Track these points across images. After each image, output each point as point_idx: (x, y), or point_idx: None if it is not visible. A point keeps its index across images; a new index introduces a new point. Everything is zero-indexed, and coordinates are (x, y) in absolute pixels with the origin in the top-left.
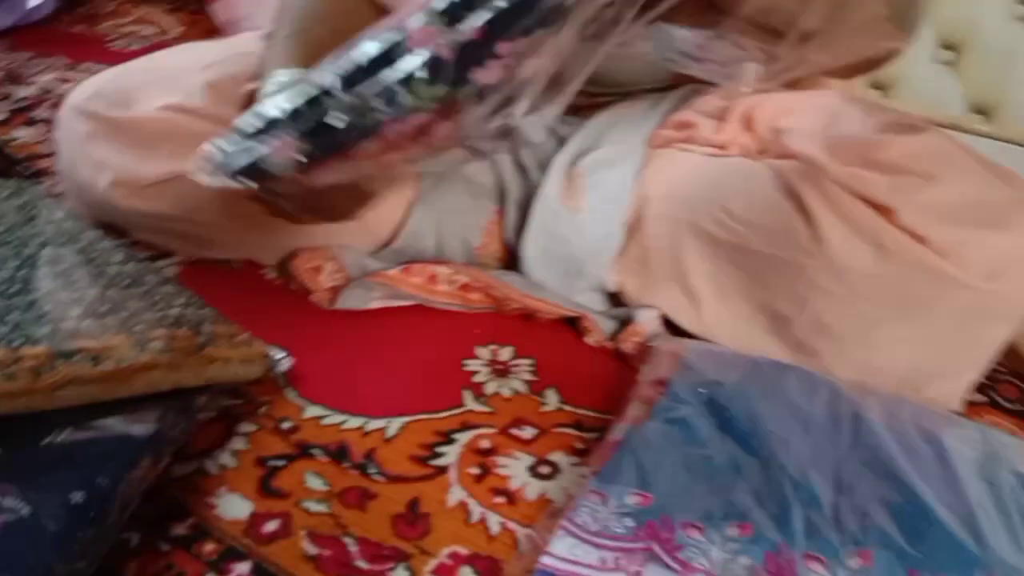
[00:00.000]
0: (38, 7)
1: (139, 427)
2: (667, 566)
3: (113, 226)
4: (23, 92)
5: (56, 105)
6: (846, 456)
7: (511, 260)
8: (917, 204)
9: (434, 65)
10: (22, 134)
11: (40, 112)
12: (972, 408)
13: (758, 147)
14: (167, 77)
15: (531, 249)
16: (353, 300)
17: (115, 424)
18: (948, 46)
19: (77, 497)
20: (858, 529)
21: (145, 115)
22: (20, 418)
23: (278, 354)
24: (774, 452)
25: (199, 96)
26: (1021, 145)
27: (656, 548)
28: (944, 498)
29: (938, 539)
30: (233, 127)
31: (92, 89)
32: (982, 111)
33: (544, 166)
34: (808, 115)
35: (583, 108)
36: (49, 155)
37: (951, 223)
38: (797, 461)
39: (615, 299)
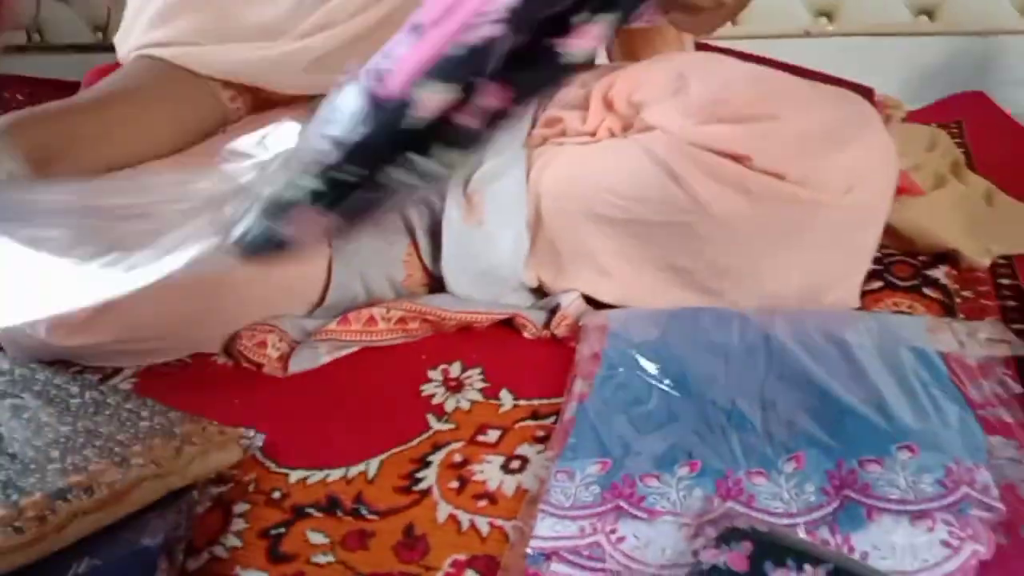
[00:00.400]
0: None
1: (148, 537)
2: (636, 517)
3: (59, 361)
4: None
5: None
6: (764, 375)
7: (436, 284)
8: (768, 147)
9: (467, 136)
10: None
11: None
12: (872, 295)
13: (622, 124)
14: None
15: (451, 271)
16: (303, 362)
17: (126, 540)
18: None
19: None
20: (787, 437)
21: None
22: (38, 563)
23: (249, 433)
24: (703, 390)
25: None
26: (868, 36)
27: (623, 504)
28: (853, 390)
29: (855, 427)
30: (244, 208)
31: None
32: (826, 14)
33: (440, 192)
34: (657, 85)
35: None
36: None
37: (801, 156)
38: (724, 392)
39: (538, 293)
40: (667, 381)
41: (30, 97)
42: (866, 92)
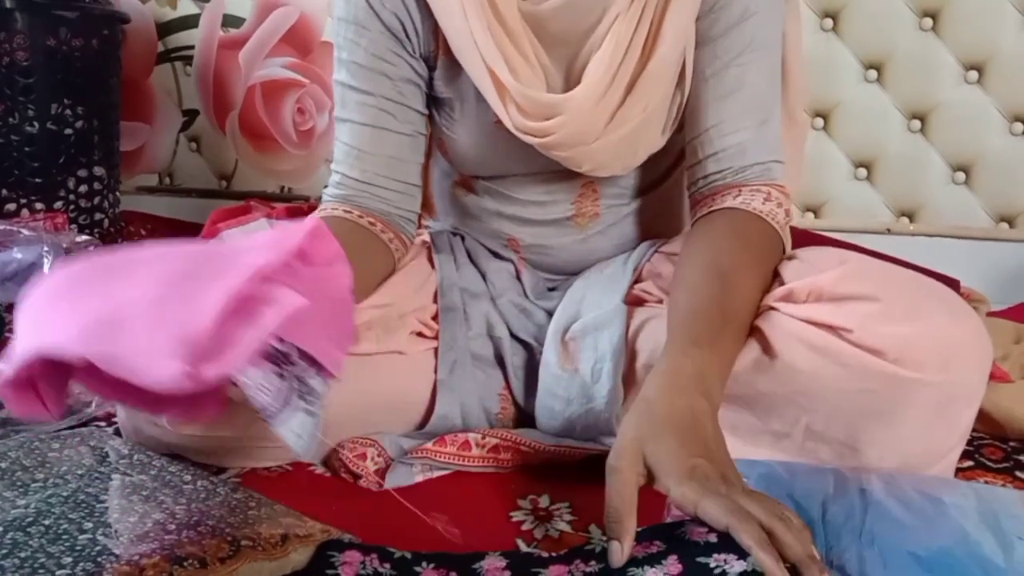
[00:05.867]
0: None
1: None
2: None
3: (171, 454)
4: None
5: None
6: (860, 525)
7: (525, 421)
8: (865, 323)
9: None
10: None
11: None
12: (964, 473)
13: None
14: None
15: (543, 413)
16: (398, 478)
17: None
18: (861, 164)
19: None
20: None
21: None
22: None
23: (346, 536)
24: None
25: None
26: (948, 237)
27: None
28: (953, 544)
29: None
30: None
31: None
32: (907, 214)
33: (537, 336)
34: None
35: (558, 286)
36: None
37: (898, 334)
38: (821, 539)
39: None
40: None
41: (151, 233)
42: (952, 283)
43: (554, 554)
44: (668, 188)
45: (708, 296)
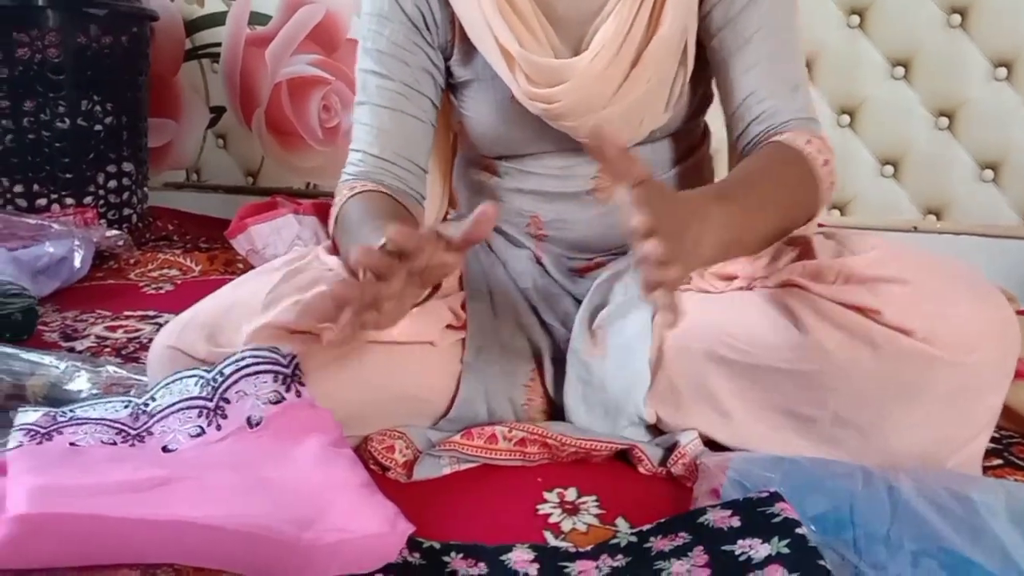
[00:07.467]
0: (78, 269)
1: None
2: None
3: None
4: (80, 346)
5: (115, 351)
6: (890, 524)
7: (555, 412)
8: (896, 302)
9: None
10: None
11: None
12: (993, 472)
13: (748, 283)
14: (244, 307)
15: (572, 399)
16: (426, 470)
17: None
18: (887, 161)
19: None
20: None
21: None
22: None
23: None
24: (828, 531)
25: (282, 314)
26: (975, 235)
27: None
28: (981, 546)
29: None
30: None
31: (179, 328)
32: (934, 212)
33: (566, 323)
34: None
35: (586, 269)
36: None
37: (928, 313)
38: (849, 534)
39: (655, 430)
40: None
41: (178, 228)
42: None
43: (581, 549)
44: (688, 170)
45: (741, 167)
